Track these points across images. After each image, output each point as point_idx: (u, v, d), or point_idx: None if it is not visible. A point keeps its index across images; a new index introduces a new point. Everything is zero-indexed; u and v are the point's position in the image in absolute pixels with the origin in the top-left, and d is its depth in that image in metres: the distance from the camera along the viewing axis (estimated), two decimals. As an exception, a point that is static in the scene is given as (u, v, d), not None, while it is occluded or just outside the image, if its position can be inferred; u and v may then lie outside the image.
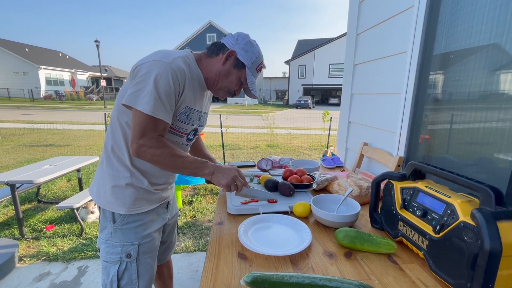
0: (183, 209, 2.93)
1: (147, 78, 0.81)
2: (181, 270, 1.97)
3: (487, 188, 0.60)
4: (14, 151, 5.53)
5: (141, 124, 0.81)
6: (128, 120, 0.89)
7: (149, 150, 0.82)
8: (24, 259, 2.06)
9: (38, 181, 2.28)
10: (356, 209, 0.96)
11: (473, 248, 0.57)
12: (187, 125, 0.96)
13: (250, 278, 0.61)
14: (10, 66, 25.20)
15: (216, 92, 1.01)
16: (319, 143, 7.06)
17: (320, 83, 27.67)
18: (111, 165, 0.93)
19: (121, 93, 0.89)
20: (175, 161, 0.86)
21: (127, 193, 0.92)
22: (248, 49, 0.94)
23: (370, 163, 1.76)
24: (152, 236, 0.99)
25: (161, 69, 0.81)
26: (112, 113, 0.94)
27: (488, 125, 1.01)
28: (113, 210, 0.93)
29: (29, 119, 10.75)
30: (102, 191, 0.94)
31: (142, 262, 0.97)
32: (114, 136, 0.92)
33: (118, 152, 0.92)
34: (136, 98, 0.81)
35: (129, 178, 0.92)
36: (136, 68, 0.84)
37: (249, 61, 0.95)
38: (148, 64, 0.83)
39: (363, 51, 1.82)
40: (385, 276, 0.69)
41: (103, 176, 0.95)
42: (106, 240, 0.94)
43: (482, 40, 1.01)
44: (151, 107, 0.79)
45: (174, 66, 0.84)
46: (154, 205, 0.99)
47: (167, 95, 0.82)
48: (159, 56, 0.85)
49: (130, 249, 0.94)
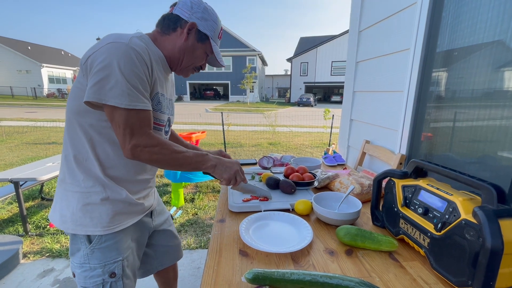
0: (185, 207, 2.94)
1: (108, 65, 0.67)
2: (183, 267, 1.98)
3: (489, 186, 0.59)
4: (18, 149, 5.57)
5: (124, 121, 0.70)
6: (94, 122, 0.75)
7: (146, 149, 0.73)
8: (28, 255, 2.08)
9: (41, 179, 2.30)
10: (357, 207, 0.96)
11: (474, 246, 0.57)
12: (162, 114, 0.86)
13: (251, 275, 0.62)
14: (13, 64, 25.34)
15: (181, 71, 0.90)
16: (320, 141, 7.04)
17: (322, 81, 27.55)
18: (76, 181, 0.78)
19: (74, 93, 0.75)
20: (176, 157, 0.78)
21: (103, 209, 0.79)
22: (207, 17, 0.84)
23: (372, 161, 1.75)
24: (131, 247, 0.89)
25: (121, 53, 0.68)
26: (67, 116, 0.78)
27: (491, 123, 1.00)
28: (87, 233, 0.79)
29: (32, 117, 10.82)
30: (69, 213, 0.78)
31: (127, 277, 0.87)
32: (75, 144, 0.78)
33: (85, 162, 0.78)
34: (102, 91, 0.67)
35: (103, 192, 0.79)
36: (89, 58, 0.70)
37: (211, 31, 0.85)
38: (102, 50, 0.69)
39: (366, 48, 1.81)
40: (386, 274, 0.69)
41: (67, 196, 0.80)
42: (82, 264, 0.81)
43: (486, 37, 1.00)
44: (125, 98, 0.68)
45: (134, 45, 0.71)
46: (136, 218, 0.89)
47: (139, 79, 0.71)
48: (112, 38, 0.71)
49: (113, 267, 0.82)
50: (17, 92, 24.25)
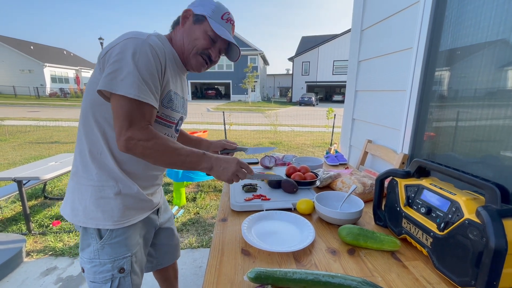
0: (187, 206, 2.95)
1: (124, 57, 0.70)
2: (185, 266, 1.99)
3: (492, 185, 0.59)
4: (21, 148, 5.60)
5: (126, 112, 0.70)
6: (108, 115, 0.76)
7: (140, 142, 0.71)
8: (32, 254, 2.09)
9: (44, 178, 2.32)
10: (359, 206, 0.96)
11: (478, 245, 0.57)
12: (174, 112, 0.87)
13: (253, 274, 0.62)
14: (15, 63, 25.47)
15: (189, 59, 0.88)
16: (322, 141, 7.03)
17: (324, 80, 27.48)
18: (90, 175, 0.80)
19: (90, 87, 0.77)
20: (169, 154, 0.75)
21: (115, 204, 0.81)
22: (205, 3, 0.85)
23: (374, 160, 1.75)
24: (139, 244, 0.91)
25: (138, 46, 0.71)
26: (83, 110, 0.80)
27: (495, 122, 0.99)
28: (98, 226, 0.81)
29: (35, 116, 10.88)
30: (81, 207, 0.80)
31: (135, 273, 0.89)
32: (90, 138, 0.79)
33: (99, 156, 0.79)
34: (114, 81, 0.69)
35: (115, 186, 0.80)
36: (107, 52, 0.73)
37: (208, 11, 0.84)
38: (120, 44, 0.72)
39: (368, 47, 1.80)
40: (388, 273, 0.69)
41: (80, 189, 0.81)
42: (92, 259, 0.82)
43: (490, 36, 0.99)
44: (135, 90, 0.69)
45: (151, 42, 0.74)
46: (145, 214, 0.91)
47: (151, 75, 0.73)
48: (131, 34, 0.74)
49: (122, 263, 0.84)
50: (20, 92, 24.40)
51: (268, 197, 1.10)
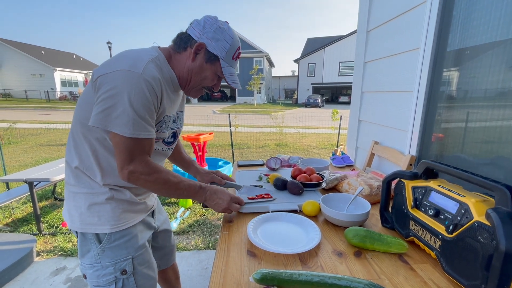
0: (193, 207, 2.96)
1: (117, 94, 0.68)
2: (191, 267, 2.00)
3: (503, 187, 0.58)
4: (32, 150, 5.73)
5: (126, 148, 0.72)
6: (99, 136, 0.77)
7: (142, 176, 0.75)
8: (42, 254, 2.14)
9: (54, 179, 2.37)
10: (366, 208, 0.95)
11: (487, 248, 0.56)
12: (163, 133, 0.88)
13: (259, 275, 0.62)
14: (27, 68, 26.18)
15: (188, 92, 0.89)
16: (328, 142, 6.99)
17: (330, 82, 27.35)
18: (81, 183, 0.81)
19: (82, 103, 0.76)
20: (168, 187, 0.81)
21: (110, 208, 0.81)
22: (219, 37, 0.80)
23: (381, 162, 1.73)
24: (145, 247, 0.92)
25: (133, 84, 0.69)
26: (74, 128, 0.80)
27: (505, 123, 0.97)
28: (96, 231, 0.81)
29: (46, 119, 11.13)
30: (77, 214, 0.81)
31: (140, 274, 0.89)
32: (80, 154, 0.79)
33: (86, 171, 0.80)
34: (108, 118, 0.69)
35: (108, 193, 0.81)
36: (99, 78, 0.70)
37: (223, 51, 0.81)
38: (114, 76, 0.69)
39: (374, 48, 1.79)
40: (395, 276, 0.68)
41: (74, 197, 0.82)
42: (93, 264, 0.83)
43: (500, 35, 0.97)
44: (130, 128, 0.69)
45: (147, 76, 0.71)
46: (141, 216, 0.92)
47: (148, 111, 0.73)
48: (125, 64, 0.70)
49: (123, 265, 0.85)
50: (31, 95, 25.04)
51: (271, 196, 1.11)
